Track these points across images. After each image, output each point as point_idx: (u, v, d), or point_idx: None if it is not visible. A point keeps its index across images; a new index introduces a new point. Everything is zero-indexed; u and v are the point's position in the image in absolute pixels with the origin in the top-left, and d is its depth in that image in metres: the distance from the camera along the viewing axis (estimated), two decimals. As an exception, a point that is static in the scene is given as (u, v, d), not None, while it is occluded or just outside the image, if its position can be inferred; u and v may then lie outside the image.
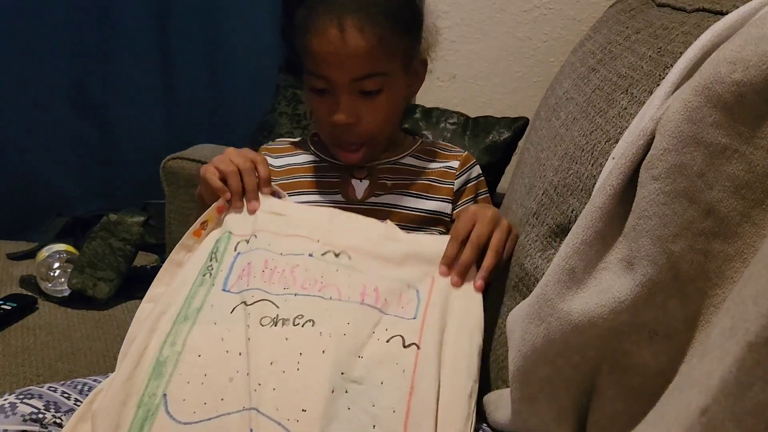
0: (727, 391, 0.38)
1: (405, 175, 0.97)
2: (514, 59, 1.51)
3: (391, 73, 0.87)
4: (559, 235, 0.74)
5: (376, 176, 0.96)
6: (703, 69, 0.50)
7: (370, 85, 0.86)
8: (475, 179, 1.01)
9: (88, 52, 1.68)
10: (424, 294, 0.72)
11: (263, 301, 0.67)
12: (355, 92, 0.86)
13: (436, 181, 0.97)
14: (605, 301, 0.53)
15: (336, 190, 0.96)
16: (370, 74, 0.85)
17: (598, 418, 0.58)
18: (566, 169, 0.76)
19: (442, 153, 1.01)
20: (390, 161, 0.98)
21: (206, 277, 0.72)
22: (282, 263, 0.73)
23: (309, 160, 1.00)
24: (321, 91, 0.87)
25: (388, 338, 0.65)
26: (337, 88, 0.86)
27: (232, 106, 1.75)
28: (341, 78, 0.85)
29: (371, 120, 0.89)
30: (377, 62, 0.85)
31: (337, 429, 0.56)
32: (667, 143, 0.50)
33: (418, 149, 1.01)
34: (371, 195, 0.95)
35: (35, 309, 1.13)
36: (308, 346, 0.62)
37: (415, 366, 0.63)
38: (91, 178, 1.77)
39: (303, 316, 0.66)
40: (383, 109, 0.89)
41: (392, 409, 0.59)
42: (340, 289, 0.71)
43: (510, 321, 0.66)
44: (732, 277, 0.49)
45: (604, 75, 0.81)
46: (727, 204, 0.49)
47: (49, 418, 0.62)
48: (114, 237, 1.20)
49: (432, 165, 0.99)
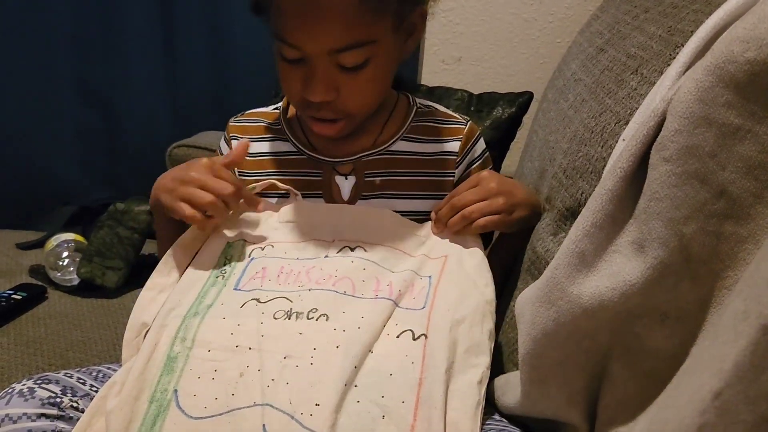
0: (741, 375, 0.38)
1: (396, 168, 0.83)
2: (520, 41, 1.50)
3: (379, 38, 0.71)
4: (569, 219, 0.73)
5: (363, 171, 0.83)
6: (715, 48, 0.49)
7: (351, 58, 0.71)
8: (479, 157, 0.88)
9: (92, 42, 1.67)
10: (435, 280, 0.72)
11: (277, 299, 0.67)
12: (333, 65, 0.71)
13: (433, 175, 0.84)
14: (616, 284, 0.53)
15: (318, 191, 0.83)
16: (351, 45, 0.70)
17: (609, 402, 0.58)
18: (575, 152, 0.75)
19: (440, 128, 0.86)
20: (378, 151, 0.84)
21: (219, 278, 0.72)
22: (298, 267, 0.73)
23: (284, 150, 0.85)
24: (293, 60, 0.73)
25: (398, 333, 0.65)
26: (312, 59, 0.71)
27: (237, 93, 1.74)
28: (316, 49, 0.70)
29: (353, 96, 0.75)
30: (361, 28, 0.69)
31: (347, 422, 0.56)
32: (678, 124, 0.50)
33: (413, 125, 0.85)
34: (358, 197, 0.83)
35: (45, 298, 1.14)
36: (322, 342, 0.62)
37: (423, 357, 0.63)
38: (97, 168, 1.78)
39: (317, 310, 0.65)
40: (368, 83, 0.74)
41: (401, 400, 0.58)
42: (354, 283, 0.70)
43: (519, 304, 0.65)
44: (744, 259, 0.49)
45: (612, 55, 0.80)
46: (739, 185, 0.48)
47: (66, 402, 0.63)
48: (121, 226, 1.20)
49: (428, 148, 0.84)
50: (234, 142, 0.87)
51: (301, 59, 0.72)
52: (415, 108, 0.87)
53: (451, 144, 0.85)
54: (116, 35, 1.68)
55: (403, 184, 0.83)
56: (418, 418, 0.57)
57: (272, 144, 0.86)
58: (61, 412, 0.62)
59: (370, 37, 0.70)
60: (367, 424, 0.56)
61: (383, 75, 0.77)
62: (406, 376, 0.61)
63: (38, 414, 0.61)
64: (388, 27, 0.72)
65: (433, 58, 1.48)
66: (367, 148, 0.84)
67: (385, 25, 0.71)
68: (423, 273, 0.73)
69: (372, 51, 0.71)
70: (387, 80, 0.80)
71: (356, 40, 0.70)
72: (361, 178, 0.83)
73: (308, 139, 0.85)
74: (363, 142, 0.84)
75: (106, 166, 1.78)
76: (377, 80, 0.76)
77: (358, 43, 0.70)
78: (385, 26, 0.72)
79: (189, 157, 1.36)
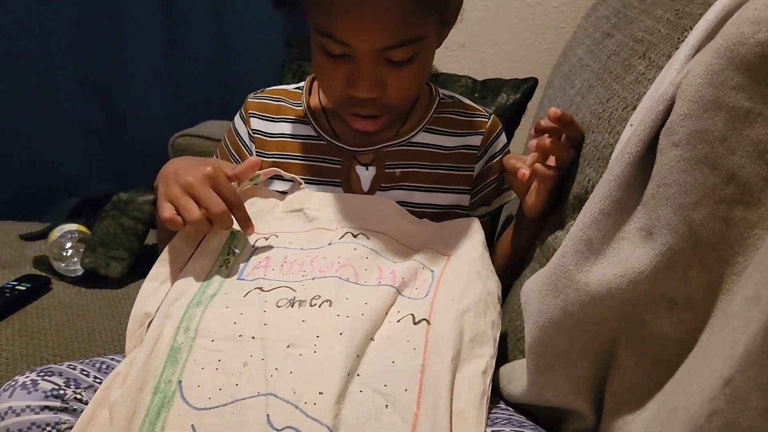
0: (752, 361, 0.37)
1: (417, 160, 0.83)
2: (524, 26, 1.49)
3: (426, 33, 0.71)
4: (576, 206, 0.73)
5: (383, 162, 0.82)
6: (725, 30, 0.49)
7: (400, 54, 0.70)
8: (500, 152, 0.87)
9: (95, 33, 1.67)
10: (438, 273, 0.72)
11: (280, 288, 0.67)
12: (380, 61, 0.70)
13: (452, 169, 0.83)
14: (624, 271, 0.52)
15: (337, 179, 0.82)
16: (402, 42, 0.69)
17: (616, 389, 0.57)
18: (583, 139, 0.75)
19: (462, 120, 0.85)
20: (400, 142, 0.83)
21: (222, 268, 0.71)
22: (302, 256, 0.72)
23: (304, 134, 0.84)
24: (337, 55, 0.71)
25: (399, 319, 0.65)
26: (360, 56, 0.70)
27: (239, 83, 1.73)
28: (367, 47, 0.69)
29: (399, 91, 0.73)
30: (412, 26, 0.68)
31: (351, 412, 0.56)
32: (687, 108, 0.49)
33: (435, 117, 0.85)
34: (377, 188, 0.82)
35: (49, 289, 1.14)
36: (326, 328, 0.61)
37: (426, 343, 0.62)
38: (100, 158, 1.78)
39: (320, 297, 0.65)
40: (413, 78, 0.74)
41: (404, 388, 0.58)
42: (357, 271, 0.70)
43: (525, 292, 0.65)
44: (754, 245, 0.48)
45: (619, 40, 0.79)
46: (749, 169, 0.48)
47: (70, 394, 0.62)
48: (125, 216, 1.20)
49: (449, 142, 0.84)
50: (253, 120, 0.85)
51: (345, 55, 0.70)
52: (438, 99, 0.86)
53: (473, 138, 0.85)
54: (119, 27, 1.67)
55: (423, 176, 0.82)
56: (421, 405, 0.57)
57: (292, 126, 0.85)
58: (64, 404, 0.62)
59: (420, 33, 0.70)
60: (371, 414, 0.56)
61: (426, 69, 0.76)
62: (408, 363, 0.60)
63: (42, 406, 0.60)
64: (434, 22, 0.72)
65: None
66: (389, 138, 0.83)
67: (432, 20, 0.71)
68: (426, 265, 0.73)
69: (419, 48, 0.71)
70: (428, 73, 0.78)
71: (408, 38, 0.69)
72: (381, 169, 0.82)
73: (330, 125, 0.84)
74: (386, 133, 0.83)
75: (109, 157, 1.78)
76: (421, 74, 0.75)
77: (409, 40, 0.69)
78: (431, 21, 0.71)
79: (192, 147, 1.36)
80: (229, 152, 0.89)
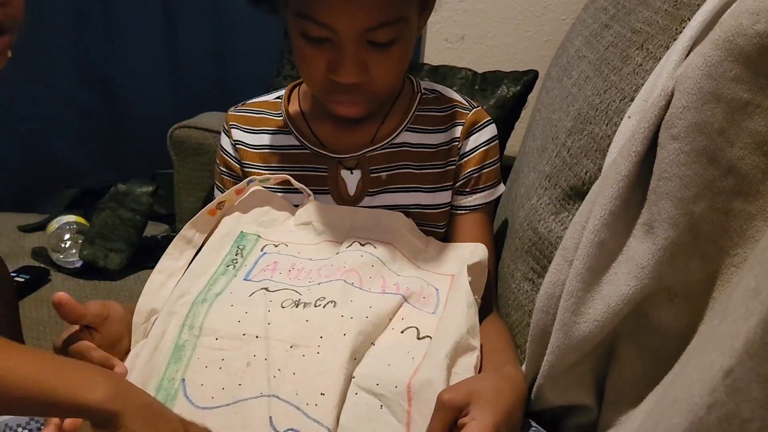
0: (752, 352, 0.37)
1: (401, 161, 0.80)
2: (523, 18, 1.48)
3: (408, 15, 0.69)
4: (573, 198, 0.72)
5: (368, 167, 0.80)
6: (724, 21, 0.48)
7: (383, 36, 0.68)
8: (484, 144, 0.82)
9: (93, 25, 1.67)
10: (443, 294, 0.71)
11: (286, 290, 0.67)
12: (362, 44, 0.68)
13: (439, 166, 0.81)
14: (630, 269, 0.53)
15: (324, 187, 0.81)
16: (385, 22, 0.67)
17: (615, 382, 0.58)
18: (580, 130, 0.74)
19: (444, 115, 0.83)
20: (383, 145, 0.80)
21: (229, 268, 0.71)
22: (309, 265, 0.72)
23: (288, 144, 0.82)
24: (318, 39, 0.69)
25: (403, 329, 0.65)
26: (343, 39, 0.67)
27: (239, 73, 1.73)
28: (350, 28, 0.67)
29: (382, 76, 0.71)
30: (395, 6, 0.67)
31: (349, 414, 0.56)
32: (686, 101, 0.49)
33: (417, 114, 0.82)
34: (364, 193, 0.80)
35: (48, 281, 1.14)
36: (329, 329, 0.61)
37: (425, 355, 0.62)
38: (99, 150, 1.78)
39: (324, 298, 0.65)
40: (397, 62, 0.72)
41: (395, 385, 0.58)
42: (362, 277, 0.69)
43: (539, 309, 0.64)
44: (753, 236, 0.48)
45: (617, 31, 0.79)
46: (748, 161, 0.48)
47: None
48: (123, 208, 1.20)
49: (433, 139, 0.81)
50: (234, 131, 0.84)
51: (326, 39, 0.68)
52: (420, 95, 0.84)
53: (455, 130, 0.82)
54: (117, 17, 1.67)
55: (409, 177, 0.81)
56: (412, 399, 0.57)
57: (274, 137, 0.83)
58: None
59: (402, 14, 0.68)
60: (367, 415, 0.57)
61: (408, 54, 0.74)
62: (402, 366, 0.60)
63: None
64: (415, 4, 0.71)
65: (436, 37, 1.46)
66: (371, 141, 0.81)
67: (413, 3, 0.70)
68: (431, 283, 0.72)
69: (401, 30, 0.69)
70: (410, 58, 0.76)
71: (391, 17, 0.67)
72: (366, 173, 0.80)
73: (312, 132, 0.82)
74: (367, 133, 0.81)
75: (107, 149, 1.78)
76: (403, 58, 0.73)
77: (393, 20, 0.67)
78: (413, 4, 0.70)
79: (190, 138, 1.35)
80: (221, 173, 0.86)
